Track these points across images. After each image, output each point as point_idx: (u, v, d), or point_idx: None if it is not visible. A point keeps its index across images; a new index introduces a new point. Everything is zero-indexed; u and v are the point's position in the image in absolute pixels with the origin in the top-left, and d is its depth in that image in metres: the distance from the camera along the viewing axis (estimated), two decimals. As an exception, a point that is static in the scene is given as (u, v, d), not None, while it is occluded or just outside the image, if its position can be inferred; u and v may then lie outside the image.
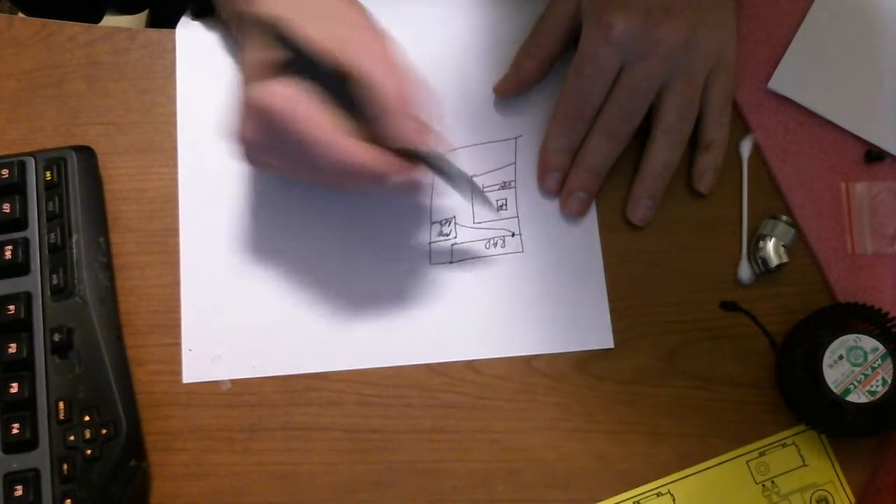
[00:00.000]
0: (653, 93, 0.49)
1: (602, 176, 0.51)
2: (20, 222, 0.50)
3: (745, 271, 0.51)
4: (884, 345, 0.47)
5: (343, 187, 0.49)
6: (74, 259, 0.50)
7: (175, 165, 0.53)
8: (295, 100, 0.43)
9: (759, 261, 0.51)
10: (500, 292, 0.51)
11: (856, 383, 0.47)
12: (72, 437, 0.47)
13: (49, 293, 0.49)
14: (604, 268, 0.51)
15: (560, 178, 0.52)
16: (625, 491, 0.49)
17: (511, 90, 0.53)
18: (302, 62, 0.44)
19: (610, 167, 0.51)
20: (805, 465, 0.49)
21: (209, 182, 0.53)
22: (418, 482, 0.49)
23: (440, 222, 0.52)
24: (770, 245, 0.50)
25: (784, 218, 0.51)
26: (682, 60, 0.49)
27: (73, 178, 0.51)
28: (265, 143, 0.46)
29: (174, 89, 0.54)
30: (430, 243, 0.52)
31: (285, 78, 0.44)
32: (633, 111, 0.49)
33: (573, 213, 0.52)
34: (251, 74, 0.45)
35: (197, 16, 0.55)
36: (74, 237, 0.50)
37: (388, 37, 0.46)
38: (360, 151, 0.44)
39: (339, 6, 0.47)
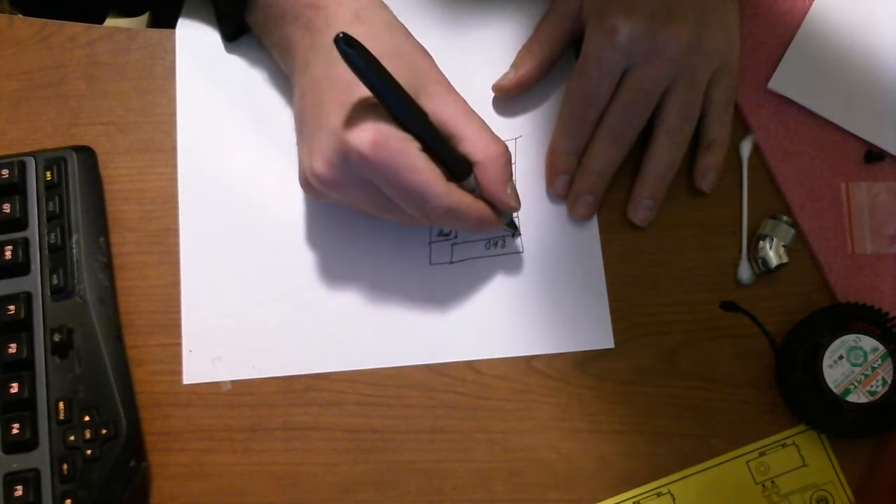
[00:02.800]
0: (657, 95, 0.49)
1: (608, 179, 0.51)
2: (20, 222, 0.50)
3: (745, 271, 0.51)
4: (884, 345, 0.47)
5: (417, 226, 0.50)
6: (74, 259, 0.50)
7: (175, 165, 0.53)
8: (398, 150, 0.43)
9: (759, 261, 0.51)
10: (500, 292, 0.51)
11: (856, 383, 0.47)
12: (72, 437, 0.47)
13: (49, 293, 0.49)
14: (604, 268, 0.51)
15: (569, 181, 0.52)
16: (625, 491, 0.49)
17: (511, 89, 0.53)
18: (382, 98, 0.43)
19: (615, 169, 0.51)
20: (805, 465, 0.49)
21: (209, 182, 0.53)
22: (418, 482, 0.49)
23: (440, 222, 0.53)
24: (770, 245, 0.50)
25: (784, 218, 0.51)
26: (686, 62, 0.49)
27: (73, 178, 0.51)
28: (348, 183, 0.45)
29: (174, 89, 0.54)
30: (430, 243, 0.52)
31: (375, 121, 0.43)
32: (637, 114, 0.49)
33: (580, 217, 0.52)
34: (330, 108, 0.44)
35: (230, 39, 0.54)
36: (74, 237, 0.50)
37: (459, 94, 0.47)
38: (469, 202, 0.46)
39: (417, 53, 0.47)
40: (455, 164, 0.46)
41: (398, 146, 0.43)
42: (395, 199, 0.45)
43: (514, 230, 0.52)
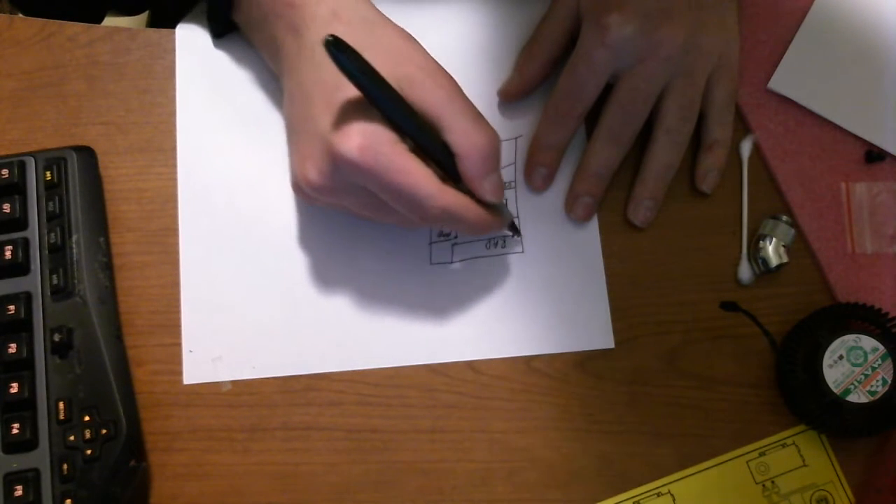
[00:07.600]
0: (654, 95, 0.49)
1: (607, 180, 0.51)
2: (20, 222, 0.50)
3: (745, 271, 0.51)
4: (884, 345, 0.47)
5: (414, 227, 0.49)
6: (74, 259, 0.50)
7: (175, 165, 0.53)
8: (387, 153, 0.42)
9: (759, 261, 0.51)
10: (500, 292, 0.51)
11: (856, 383, 0.47)
12: (72, 437, 0.47)
13: (49, 293, 0.49)
14: (604, 268, 0.51)
15: (547, 175, 0.52)
16: (625, 491, 0.49)
17: (516, 94, 0.53)
18: (373, 101, 0.42)
19: (614, 171, 0.51)
20: (805, 465, 0.49)
21: (209, 182, 0.53)
22: (418, 482, 0.49)
23: (440, 222, 0.52)
24: (770, 245, 0.50)
25: (784, 218, 0.51)
26: (682, 62, 0.49)
27: (73, 178, 0.51)
28: (340, 189, 0.45)
29: (174, 89, 0.54)
30: (430, 243, 0.52)
31: (363, 124, 0.42)
32: (635, 113, 0.49)
33: (579, 219, 0.52)
34: (318, 112, 0.44)
35: (218, 36, 0.54)
36: (74, 237, 0.50)
37: (449, 76, 0.45)
38: (464, 203, 0.44)
39: (398, 41, 0.46)
40: (444, 161, 0.45)
41: (387, 149, 0.42)
42: (391, 203, 0.44)
43: (515, 233, 0.51)
